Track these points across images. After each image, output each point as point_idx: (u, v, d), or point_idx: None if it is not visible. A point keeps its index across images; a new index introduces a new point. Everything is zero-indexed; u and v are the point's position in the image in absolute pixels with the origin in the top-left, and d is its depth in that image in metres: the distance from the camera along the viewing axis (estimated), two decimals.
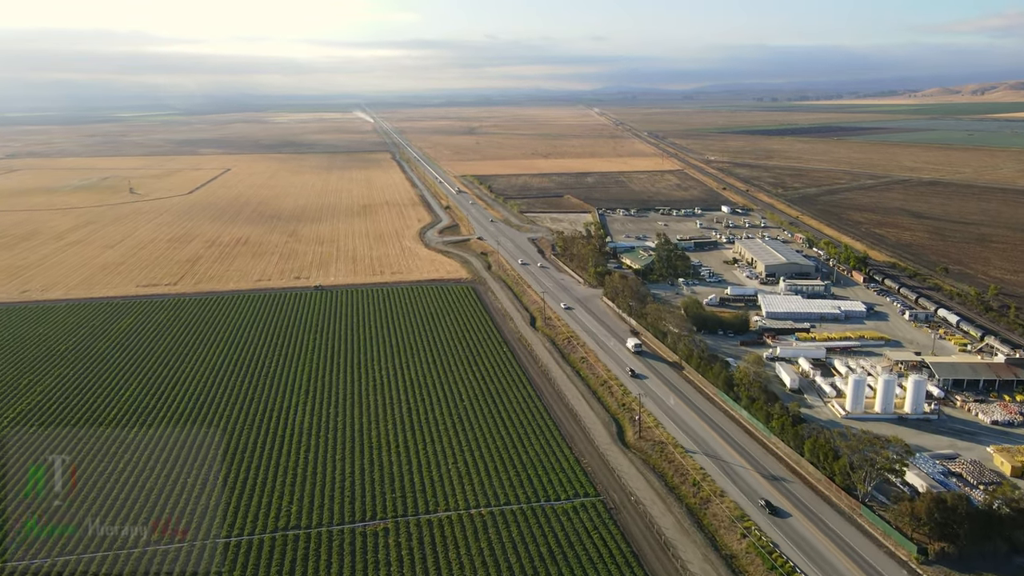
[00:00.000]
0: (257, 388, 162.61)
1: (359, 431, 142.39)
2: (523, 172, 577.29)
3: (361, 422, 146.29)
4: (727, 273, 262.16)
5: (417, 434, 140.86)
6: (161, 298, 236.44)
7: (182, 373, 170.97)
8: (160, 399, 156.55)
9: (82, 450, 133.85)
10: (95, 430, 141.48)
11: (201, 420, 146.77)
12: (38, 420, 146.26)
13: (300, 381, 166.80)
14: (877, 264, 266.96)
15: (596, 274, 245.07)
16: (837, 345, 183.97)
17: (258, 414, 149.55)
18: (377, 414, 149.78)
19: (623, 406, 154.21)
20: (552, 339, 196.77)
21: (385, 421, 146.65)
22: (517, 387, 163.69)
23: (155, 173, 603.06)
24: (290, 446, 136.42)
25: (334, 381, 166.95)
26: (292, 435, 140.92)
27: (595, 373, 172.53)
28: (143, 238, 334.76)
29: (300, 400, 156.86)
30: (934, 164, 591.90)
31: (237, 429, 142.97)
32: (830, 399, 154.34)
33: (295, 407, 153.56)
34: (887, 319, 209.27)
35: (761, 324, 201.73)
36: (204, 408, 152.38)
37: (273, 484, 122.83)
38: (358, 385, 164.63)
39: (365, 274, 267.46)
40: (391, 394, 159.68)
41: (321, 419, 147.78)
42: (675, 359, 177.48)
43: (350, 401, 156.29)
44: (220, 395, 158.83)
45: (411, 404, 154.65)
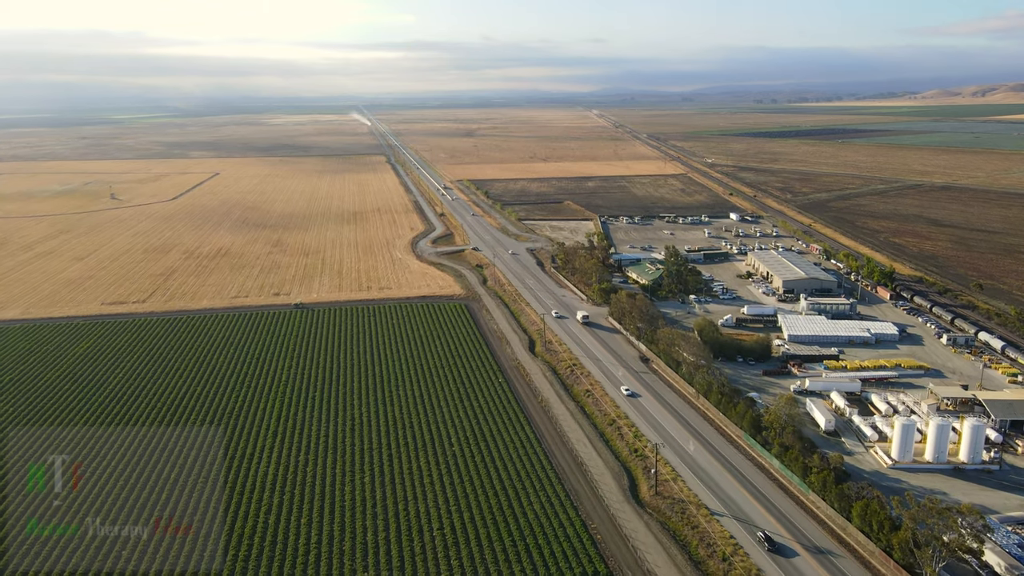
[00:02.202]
0: (218, 430, 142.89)
1: (331, 485, 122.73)
2: (521, 176, 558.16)
3: (334, 473, 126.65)
4: (741, 288, 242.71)
5: (398, 490, 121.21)
6: (126, 318, 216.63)
7: (132, 411, 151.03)
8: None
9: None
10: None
11: (150, 470, 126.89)
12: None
13: (268, 421, 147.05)
14: (903, 279, 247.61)
15: (600, 291, 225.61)
16: (872, 376, 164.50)
17: (215, 464, 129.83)
18: (353, 463, 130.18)
19: (635, 452, 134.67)
20: (553, 367, 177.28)
21: (362, 472, 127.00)
22: (514, 427, 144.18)
23: (141, 178, 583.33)
24: (248, 506, 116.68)
25: (306, 420, 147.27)
26: (253, 490, 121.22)
27: (602, 409, 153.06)
28: (117, 248, 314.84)
29: (266, 444, 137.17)
30: (945, 168, 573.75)
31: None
32: (872, 444, 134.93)
33: (259, 453, 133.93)
34: (922, 343, 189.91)
35: (784, 350, 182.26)
36: (151, 450, 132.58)
37: (221, 565, 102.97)
38: (333, 425, 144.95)
39: (350, 290, 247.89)
40: (370, 437, 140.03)
41: (288, 469, 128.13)
42: (691, 392, 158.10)
43: (323, 445, 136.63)
44: (174, 438, 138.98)
45: (392, 450, 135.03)
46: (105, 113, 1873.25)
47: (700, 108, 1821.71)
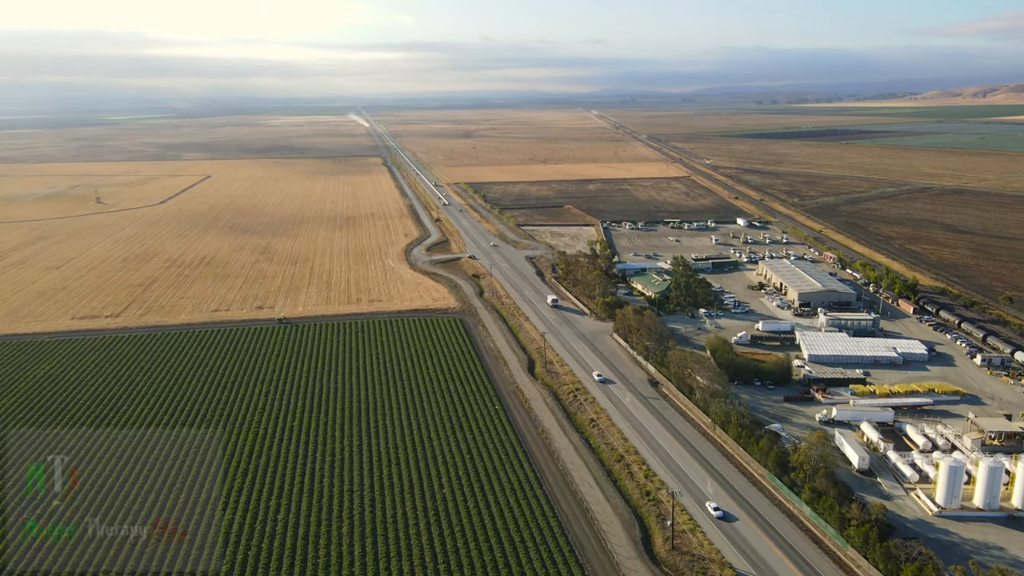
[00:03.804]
0: (181, 470, 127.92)
1: (303, 539, 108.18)
2: (520, 179, 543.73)
3: (308, 523, 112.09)
4: (754, 301, 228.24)
5: (380, 545, 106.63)
6: (96, 335, 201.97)
7: (90, 448, 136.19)
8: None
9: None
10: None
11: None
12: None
13: (239, 457, 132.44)
14: (925, 290, 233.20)
15: (605, 305, 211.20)
16: (905, 403, 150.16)
17: (175, 510, 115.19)
18: (331, 509, 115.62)
19: (647, 495, 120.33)
20: (555, 392, 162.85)
21: (340, 521, 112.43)
22: (512, 465, 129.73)
23: (130, 180, 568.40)
24: (208, 564, 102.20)
25: (281, 457, 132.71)
26: (215, 546, 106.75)
27: (609, 443, 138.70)
28: (96, 257, 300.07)
29: (234, 488, 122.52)
30: (953, 170, 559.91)
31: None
32: (912, 485, 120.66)
33: (225, 498, 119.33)
34: (954, 364, 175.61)
35: (806, 372, 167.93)
36: (113, 497, 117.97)
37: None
38: (311, 463, 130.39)
39: (339, 302, 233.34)
40: (351, 476, 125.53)
41: (257, 519, 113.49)
42: (707, 423, 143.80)
43: (298, 489, 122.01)
44: (137, 480, 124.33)
45: (376, 492, 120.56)
46: (103, 114, 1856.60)
47: (700, 109, 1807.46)
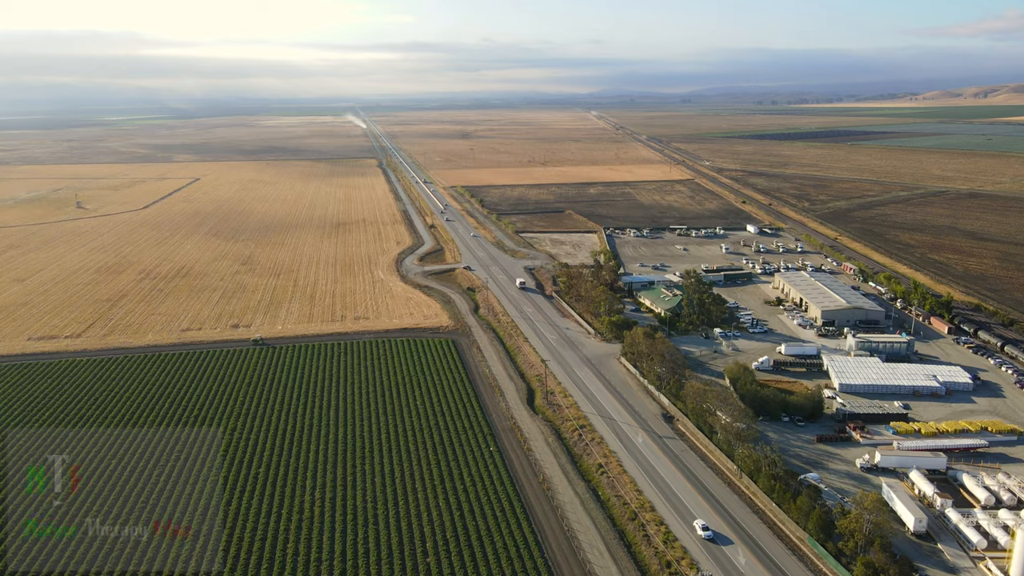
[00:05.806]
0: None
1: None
2: (519, 182, 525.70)
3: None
4: (772, 319, 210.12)
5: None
6: (52, 358, 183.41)
7: (14, 500, 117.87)
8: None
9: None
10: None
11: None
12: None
13: (190, 521, 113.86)
14: (958, 306, 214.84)
15: (611, 324, 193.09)
16: (957, 445, 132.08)
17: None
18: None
19: (667, 566, 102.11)
20: (557, 429, 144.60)
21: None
22: (509, 525, 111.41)
23: (115, 184, 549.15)
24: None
25: (244, 512, 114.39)
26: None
27: (619, 494, 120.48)
28: (66, 268, 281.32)
29: (181, 554, 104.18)
30: (966, 173, 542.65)
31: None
32: (981, 554, 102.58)
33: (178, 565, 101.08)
34: (1003, 394, 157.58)
35: (839, 405, 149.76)
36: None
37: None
38: (275, 522, 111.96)
39: (322, 320, 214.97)
40: (320, 542, 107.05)
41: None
42: (731, 469, 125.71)
43: (256, 557, 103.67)
44: (70, 542, 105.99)
45: (348, 564, 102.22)
46: (100, 115, 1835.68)
47: (700, 110, 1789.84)
